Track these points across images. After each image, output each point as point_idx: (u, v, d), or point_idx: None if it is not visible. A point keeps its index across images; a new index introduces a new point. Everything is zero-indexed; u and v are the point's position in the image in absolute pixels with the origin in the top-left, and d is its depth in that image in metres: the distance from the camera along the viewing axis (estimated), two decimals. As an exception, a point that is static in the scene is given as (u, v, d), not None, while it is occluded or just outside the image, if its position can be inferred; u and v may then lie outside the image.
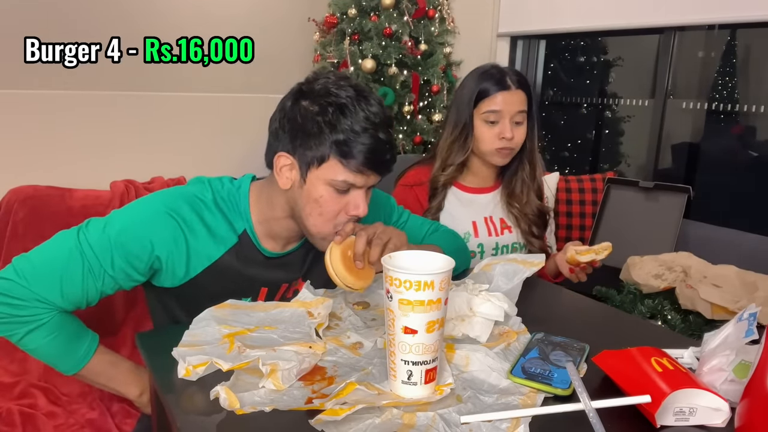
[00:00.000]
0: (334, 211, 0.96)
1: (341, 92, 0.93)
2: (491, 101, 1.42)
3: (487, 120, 1.43)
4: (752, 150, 2.42)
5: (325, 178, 0.94)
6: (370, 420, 0.67)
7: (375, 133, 0.92)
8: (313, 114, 0.93)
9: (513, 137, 1.43)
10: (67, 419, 1.46)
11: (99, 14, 2.17)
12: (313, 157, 0.94)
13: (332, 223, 0.98)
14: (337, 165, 0.93)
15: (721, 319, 1.35)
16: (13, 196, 1.77)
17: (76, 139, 2.17)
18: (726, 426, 0.69)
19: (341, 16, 2.57)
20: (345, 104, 0.92)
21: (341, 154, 0.92)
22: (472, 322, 0.90)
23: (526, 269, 1.06)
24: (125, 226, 0.95)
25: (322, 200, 0.95)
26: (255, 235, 1.04)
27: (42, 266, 0.91)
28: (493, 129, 1.43)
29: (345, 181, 0.94)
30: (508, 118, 1.42)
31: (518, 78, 1.44)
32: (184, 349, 0.80)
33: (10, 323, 0.90)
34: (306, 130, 0.93)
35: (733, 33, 2.38)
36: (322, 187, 0.95)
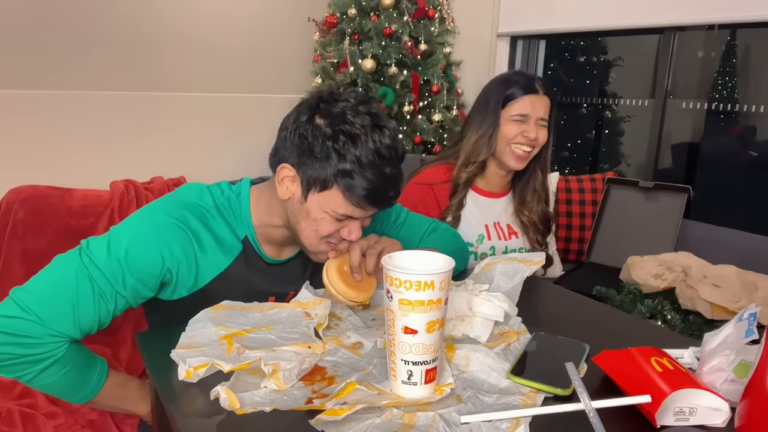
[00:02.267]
0: (329, 232, 0.97)
1: (357, 120, 0.91)
2: (519, 104, 1.48)
3: (514, 120, 1.48)
4: (752, 150, 2.42)
5: (325, 205, 0.94)
6: (370, 420, 0.67)
7: (381, 168, 0.91)
8: (324, 137, 0.91)
9: (536, 138, 1.48)
10: (67, 419, 1.46)
11: (99, 15, 2.17)
12: (317, 179, 0.93)
13: (325, 241, 0.98)
14: (338, 196, 0.93)
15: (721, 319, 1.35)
16: (13, 196, 1.77)
17: (76, 139, 2.17)
18: (726, 426, 0.69)
19: (341, 16, 2.56)
20: (357, 135, 0.90)
21: (345, 186, 0.91)
22: (472, 323, 0.90)
23: (526, 268, 1.06)
24: (132, 243, 0.90)
25: (319, 221, 0.95)
26: (256, 241, 1.03)
27: (50, 297, 0.85)
28: (518, 127, 1.48)
29: (344, 214, 0.94)
30: (533, 120, 1.48)
31: (545, 84, 1.51)
32: (183, 351, 0.80)
33: (22, 363, 0.83)
34: (314, 150, 0.92)
35: (733, 33, 2.38)
36: (321, 211, 0.95)
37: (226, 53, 2.50)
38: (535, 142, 1.49)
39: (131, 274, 0.89)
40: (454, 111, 2.70)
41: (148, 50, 2.31)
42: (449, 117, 2.66)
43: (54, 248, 1.75)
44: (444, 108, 2.65)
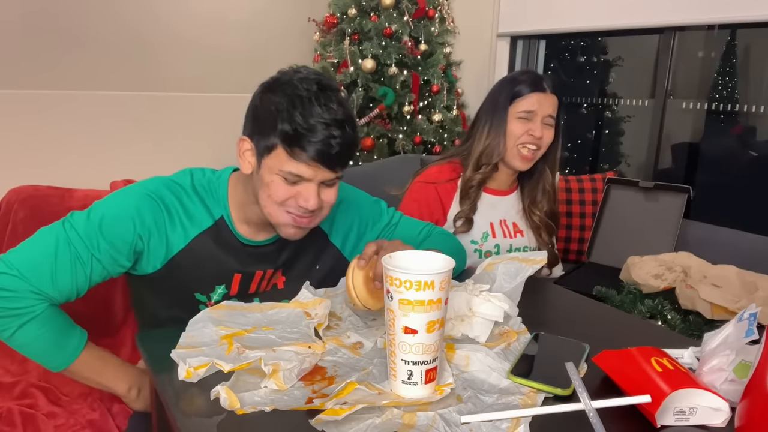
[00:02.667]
0: (283, 197, 0.97)
1: (303, 85, 0.95)
2: (526, 101, 1.47)
3: (520, 118, 1.48)
4: (752, 150, 2.42)
5: (273, 167, 0.96)
6: (370, 420, 0.67)
7: (325, 129, 0.93)
8: (271, 103, 0.96)
9: (541, 137, 1.47)
10: (68, 419, 1.46)
11: (100, 15, 2.17)
12: (265, 145, 0.96)
13: (283, 209, 0.99)
14: (282, 155, 0.95)
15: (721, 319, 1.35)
16: (13, 196, 1.77)
17: (76, 139, 2.17)
18: (726, 426, 0.69)
19: (341, 16, 2.57)
20: (302, 97, 0.94)
21: (288, 145, 0.94)
22: (472, 323, 0.90)
23: (528, 267, 1.06)
24: (108, 211, 0.98)
25: (272, 185, 0.97)
26: (231, 221, 1.06)
27: (33, 258, 0.93)
28: (524, 125, 1.47)
29: (290, 172, 0.95)
30: (539, 118, 1.47)
31: (551, 83, 1.50)
32: (183, 351, 0.80)
33: (4, 317, 0.90)
34: (263, 118, 0.96)
35: (733, 33, 2.38)
36: (272, 174, 0.97)
37: (227, 53, 2.50)
38: (541, 141, 1.48)
39: (105, 239, 0.96)
40: (454, 111, 2.70)
41: (148, 51, 2.31)
42: (449, 117, 2.66)
43: (54, 248, 1.75)
44: (444, 108, 2.65)
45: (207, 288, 1.07)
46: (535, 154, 1.49)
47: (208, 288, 1.07)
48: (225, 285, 1.08)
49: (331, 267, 1.17)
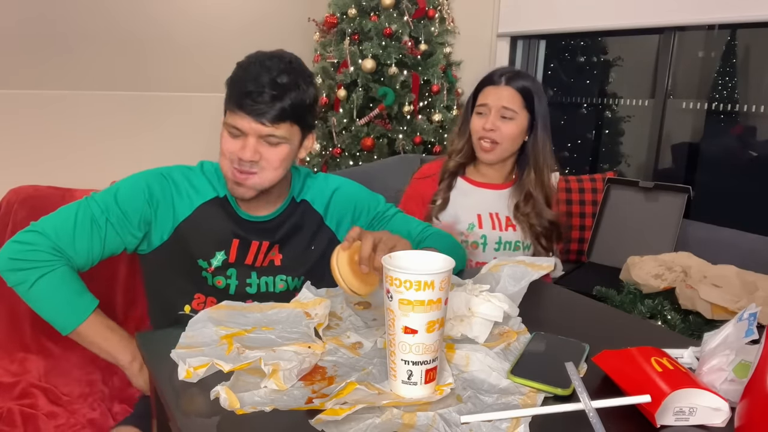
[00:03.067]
0: (228, 149, 1.07)
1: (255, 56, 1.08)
2: (482, 95, 1.52)
3: (478, 113, 1.52)
4: (752, 150, 2.42)
5: (224, 125, 1.07)
6: (370, 420, 0.67)
7: (255, 82, 1.02)
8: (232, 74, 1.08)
9: (494, 129, 1.47)
10: (68, 419, 1.46)
11: (100, 15, 2.17)
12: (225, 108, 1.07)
13: (229, 163, 1.07)
14: (228, 112, 1.06)
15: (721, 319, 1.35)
16: (13, 196, 1.77)
17: (76, 139, 2.17)
18: (726, 426, 0.69)
19: (341, 16, 2.57)
20: (248, 62, 1.06)
21: (228, 101, 1.06)
22: (471, 323, 0.90)
23: (534, 272, 1.06)
24: (123, 185, 1.11)
25: (221, 140, 1.08)
26: (234, 200, 1.15)
27: (55, 221, 1.05)
28: (480, 120, 1.51)
29: (228, 123, 1.05)
30: (493, 111, 1.48)
31: (511, 76, 1.50)
32: (183, 351, 0.80)
33: (25, 270, 1.00)
34: None
35: (733, 33, 2.38)
36: (224, 132, 1.08)
37: (227, 53, 2.49)
38: (494, 134, 1.48)
39: (119, 207, 1.07)
40: (454, 111, 2.70)
41: (149, 51, 2.31)
42: (449, 117, 2.66)
43: (54, 248, 1.75)
44: (444, 108, 2.65)
45: (208, 253, 1.13)
46: (494, 147, 1.50)
47: (209, 254, 1.13)
48: (225, 251, 1.14)
49: (324, 249, 1.21)
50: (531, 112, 1.50)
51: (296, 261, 1.18)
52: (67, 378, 1.61)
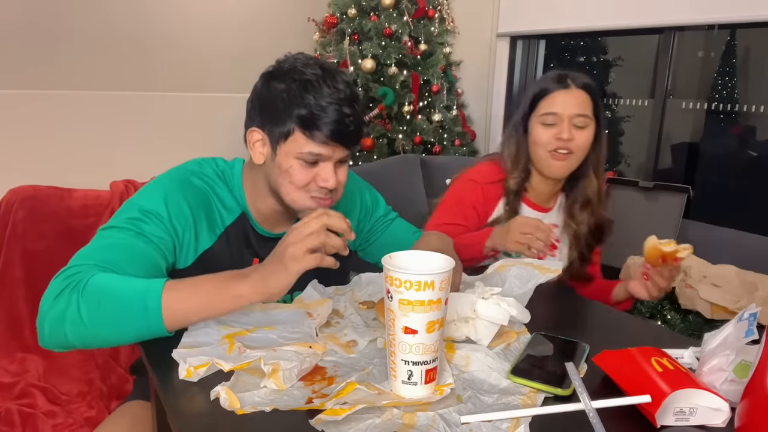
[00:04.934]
0: (304, 180, 0.99)
1: (308, 70, 0.97)
2: (549, 102, 1.31)
3: (545, 123, 1.32)
4: (752, 150, 2.42)
5: (293, 151, 0.98)
6: (370, 420, 0.67)
7: (338, 107, 0.95)
8: (280, 91, 0.97)
9: (572, 138, 1.29)
10: (66, 418, 1.46)
11: (100, 15, 2.17)
12: (280, 132, 0.98)
13: (307, 194, 1.01)
14: (301, 138, 0.97)
15: (720, 318, 1.35)
16: (13, 196, 1.77)
17: (76, 139, 2.17)
18: (726, 426, 0.69)
19: (341, 16, 2.56)
20: (310, 80, 0.96)
21: (305, 127, 0.96)
22: (476, 325, 0.89)
23: (541, 275, 1.04)
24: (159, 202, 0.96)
25: (291, 170, 0.99)
26: (250, 214, 1.07)
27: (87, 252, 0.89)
28: (549, 130, 1.31)
29: (311, 153, 0.97)
30: (566, 120, 1.30)
31: (582, 79, 1.32)
32: (185, 351, 0.80)
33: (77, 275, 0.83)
34: (274, 106, 0.98)
35: (732, 33, 2.38)
36: (291, 159, 0.98)
37: (227, 53, 2.50)
38: (572, 144, 1.30)
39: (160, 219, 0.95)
40: (453, 111, 2.70)
41: (148, 51, 2.31)
42: (449, 117, 2.66)
43: (54, 248, 1.76)
44: (444, 108, 2.65)
45: None
46: (569, 158, 1.32)
47: None
48: None
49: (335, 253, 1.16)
50: (597, 117, 1.33)
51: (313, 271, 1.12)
52: (65, 377, 1.61)
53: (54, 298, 0.81)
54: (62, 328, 0.79)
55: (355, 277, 1.14)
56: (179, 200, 0.98)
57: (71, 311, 0.79)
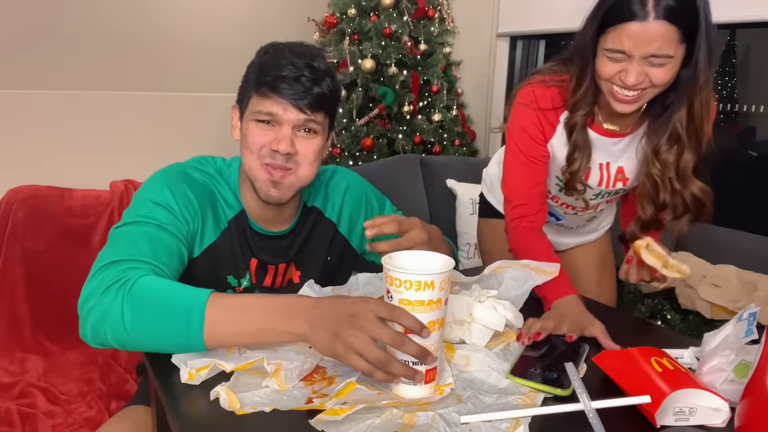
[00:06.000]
0: (258, 143, 0.97)
1: (281, 44, 0.99)
2: (617, 34, 0.99)
3: (611, 57, 1.02)
4: (752, 150, 2.41)
5: (249, 115, 0.98)
6: (370, 420, 0.67)
7: (293, 67, 0.94)
8: (249, 65, 1.01)
9: (640, 82, 1.01)
10: (66, 418, 1.46)
11: (99, 14, 2.17)
12: (244, 98, 1.00)
13: (259, 161, 0.97)
14: (255, 100, 0.97)
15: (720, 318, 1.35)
16: (13, 196, 1.77)
17: (76, 139, 2.16)
18: (726, 426, 0.69)
19: (341, 16, 2.56)
20: (274, 47, 0.98)
21: (258, 86, 0.96)
22: (471, 329, 0.89)
23: (538, 277, 1.03)
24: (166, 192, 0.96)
25: (248, 133, 0.97)
26: (247, 212, 1.06)
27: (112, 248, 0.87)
28: (616, 65, 1.02)
29: (260, 110, 0.95)
30: (637, 59, 0.99)
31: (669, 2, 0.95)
32: (184, 355, 0.80)
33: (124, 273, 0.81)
34: (245, 80, 1.01)
35: (732, 33, 2.38)
36: (248, 123, 0.98)
37: (226, 53, 2.49)
38: (642, 85, 1.01)
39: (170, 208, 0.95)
40: (453, 111, 2.70)
41: (148, 51, 2.31)
42: (449, 117, 2.66)
43: (53, 248, 1.76)
44: (444, 108, 2.65)
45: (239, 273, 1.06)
46: (641, 96, 1.04)
47: (240, 273, 1.06)
48: (247, 273, 1.07)
49: (339, 256, 1.16)
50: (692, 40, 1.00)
51: (315, 275, 1.10)
52: (65, 377, 1.61)
53: (102, 291, 0.78)
54: (104, 327, 0.78)
55: (353, 277, 1.14)
56: (185, 192, 0.97)
57: (114, 312, 0.77)
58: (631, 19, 0.96)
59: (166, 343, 0.78)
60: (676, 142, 1.10)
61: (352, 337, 0.69)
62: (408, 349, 0.69)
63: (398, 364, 0.70)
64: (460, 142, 2.70)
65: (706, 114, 1.08)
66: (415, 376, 0.70)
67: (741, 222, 1.98)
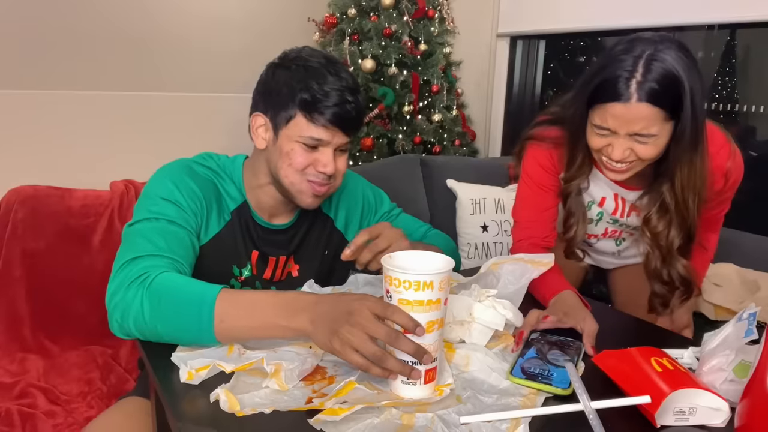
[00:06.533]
0: (303, 164, 1.01)
1: (312, 59, 1.01)
2: (602, 112, 0.99)
3: (598, 133, 1.03)
4: (752, 150, 2.41)
5: (294, 135, 1.00)
6: (369, 420, 0.67)
7: (341, 93, 0.98)
8: (285, 77, 1.01)
9: (626, 157, 1.01)
10: (66, 418, 1.46)
11: (99, 14, 2.17)
12: (283, 116, 1.01)
13: (304, 177, 1.03)
14: (303, 122, 0.99)
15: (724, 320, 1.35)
16: (13, 196, 1.77)
17: (76, 139, 2.16)
18: (726, 426, 0.69)
19: (341, 16, 2.56)
20: (314, 67, 0.99)
21: (307, 111, 0.98)
22: (471, 329, 0.89)
23: (534, 269, 1.03)
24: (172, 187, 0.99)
25: (292, 153, 1.01)
26: (250, 205, 1.10)
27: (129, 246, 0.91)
28: (602, 139, 1.03)
29: (311, 137, 0.99)
30: (622, 137, 1.00)
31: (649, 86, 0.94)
32: (184, 354, 0.80)
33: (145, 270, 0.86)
34: (278, 92, 1.01)
35: (732, 33, 2.38)
36: (292, 143, 1.01)
37: (226, 54, 2.49)
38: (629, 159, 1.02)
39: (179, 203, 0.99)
40: (453, 111, 2.70)
41: (147, 51, 2.31)
42: (449, 117, 2.66)
43: (53, 248, 1.76)
44: (444, 108, 2.65)
45: (240, 263, 1.09)
46: (630, 167, 1.04)
47: (242, 263, 1.10)
48: (248, 263, 1.11)
49: (336, 251, 1.18)
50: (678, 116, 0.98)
51: (313, 269, 1.16)
52: (66, 377, 1.61)
53: (126, 287, 0.84)
54: (128, 320, 0.83)
55: (352, 277, 1.14)
56: (189, 185, 1.01)
57: (136, 307, 0.82)
58: (615, 99, 0.96)
59: (182, 336, 0.82)
60: (666, 212, 1.09)
61: (349, 333, 0.71)
62: (402, 346, 0.70)
63: (393, 359, 0.71)
64: (460, 142, 2.70)
65: (690, 192, 1.06)
66: (411, 372, 0.71)
67: (741, 222, 1.98)
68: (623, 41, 1.00)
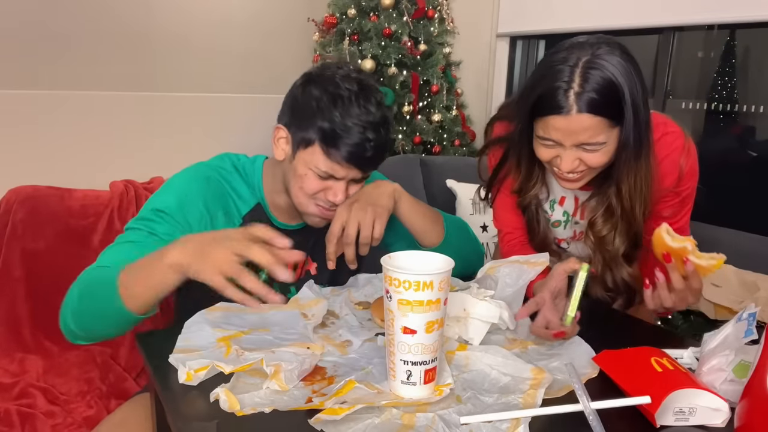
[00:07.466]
0: (314, 190, 1.01)
1: (345, 84, 0.97)
2: (544, 125, 0.98)
3: (544, 144, 1.01)
4: (752, 150, 2.41)
5: (308, 161, 0.99)
6: (369, 420, 0.67)
7: (362, 130, 0.95)
8: (313, 98, 0.98)
9: (576, 167, 1.00)
10: (65, 418, 1.46)
11: (99, 14, 2.17)
12: (302, 138, 0.99)
13: (312, 200, 1.02)
14: (318, 152, 0.98)
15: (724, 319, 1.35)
16: (13, 196, 1.77)
17: (76, 139, 2.17)
18: (726, 426, 0.69)
19: (341, 16, 2.56)
20: (342, 96, 0.96)
21: (325, 143, 0.96)
22: (467, 324, 0.89)
23: (530, 270, 1.03)
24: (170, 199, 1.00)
25: (305, 178, 1.00)
26: (267, 206, 1.10)
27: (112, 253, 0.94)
28: (549, 150, 1.01)
29: (326, 171, 0.99)
30: (569, 147, 0.98)
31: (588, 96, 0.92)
32: (182, 355, 0.80)
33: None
34: (303, 111, 0.99)
35: (732, 33, 2.38)
36: (306, 168, 1.00)
37: (226, 54, 2.50)
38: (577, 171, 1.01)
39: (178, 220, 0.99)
40: (453, 111, 2.70)
41: (147, 50, 2.31)
42: (449, 117, 2.66)
43: (53, 248, 1.76)
44: (444, 108, 2.65)
45: None
46: (582, 176, 1.03)
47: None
48: None
49: None
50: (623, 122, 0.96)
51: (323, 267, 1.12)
52: (65, 377, 1.61)
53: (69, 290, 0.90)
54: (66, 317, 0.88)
55: (352, 278, 1.14)
56: (193, 197, 1.01)
57: (69, 300, 0.88)
58: (555, 112, 0.94)
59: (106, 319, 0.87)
60: (611, 216, 1.08)
61: (216, 252, 0.75)
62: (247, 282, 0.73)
63: (250, 279, 0.74)
64: (460, 143, 2.70)
65: (637, 198, 1.04)
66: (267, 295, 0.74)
67: (740, 222, 1.98)
68: (560, 48, 0.97)
